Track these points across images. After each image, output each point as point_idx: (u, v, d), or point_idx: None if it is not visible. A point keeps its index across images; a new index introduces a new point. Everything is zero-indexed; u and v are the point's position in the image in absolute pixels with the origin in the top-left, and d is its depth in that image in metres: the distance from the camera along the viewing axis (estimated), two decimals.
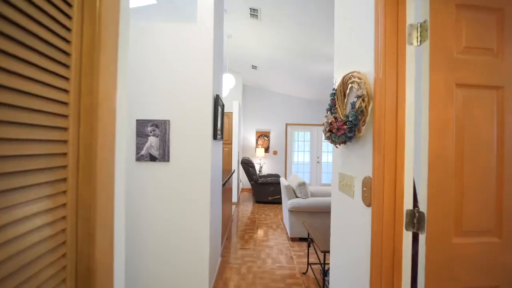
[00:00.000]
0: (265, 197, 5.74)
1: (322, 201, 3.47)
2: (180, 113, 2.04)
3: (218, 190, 2.62)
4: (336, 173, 1.53)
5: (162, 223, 2.03)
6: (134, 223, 2.02)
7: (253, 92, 7.45)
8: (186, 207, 2.03)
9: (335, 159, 1.55)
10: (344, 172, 1.40)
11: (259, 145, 7.42)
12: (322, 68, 4.95)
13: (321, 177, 7.79)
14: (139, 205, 2.02)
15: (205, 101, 2.06)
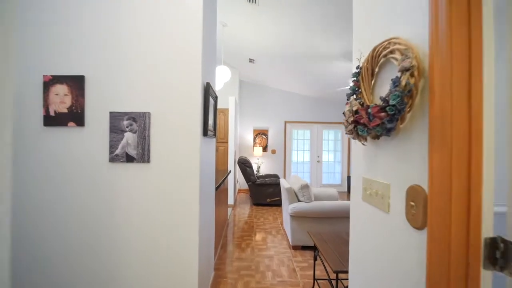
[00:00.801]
0: (263, 199, 5.41)
1: (327, 206, 3.14)
2: (162, 104, 1.69)
3: (210, 194, 2.28)
4: (357, 178, 1.20)
5: (142, 239, 1.68)
6: (105, 239, 1.67)
7: (251, 88, 7.10)
8: (169, 218, 1.68)
9: (357, 159, 1.21)
10: (371, 177, 1.07)
11: (257, 143, 7.08)
12: (325, 64, 4.62)
13: (321, 177, 7.48)
14: (111, 217, 1.67)
15: (193, 89, 1.71)
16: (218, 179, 3.23)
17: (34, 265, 1.66)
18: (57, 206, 1.66)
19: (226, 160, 5.40)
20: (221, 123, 5.48)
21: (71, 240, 1.66)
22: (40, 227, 1.66)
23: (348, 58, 4.19)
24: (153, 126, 1.69)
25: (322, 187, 7.42)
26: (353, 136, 1.07)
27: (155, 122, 1.69)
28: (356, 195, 1.22)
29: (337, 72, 4.88)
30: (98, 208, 1.66)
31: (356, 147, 1.21)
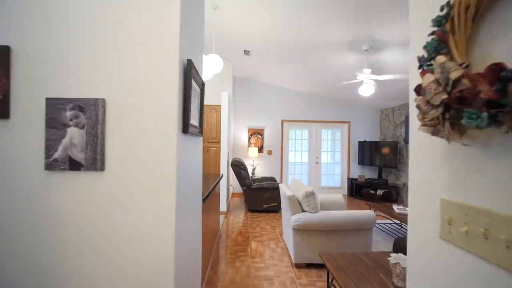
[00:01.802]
0: (259, 205, 4.92)
1: (337, 217, 2.68)
2: (123, 89, 1.19)
3: (194, 208, 1.78)
4: (427, 199, 0.73)
5: (90, 276, 1.17)
6: (43, 275, 1.15)
7: (245, 84, 6.61)
8: (131, 250, 1.18)
9: (430, 168, 0.74)
10: (466, 201, 0.60)
11: (252, 144, 6.59)
12: (328, 55, 4.16)
13: (320, 179, 7.04)
14: (46, 250, 1.16)
15: (167, 68, 1.22)
16: (207, 186, 2.73)
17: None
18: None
19: (218, 162, 4.90)
20: (212, 121, 4.98)
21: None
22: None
23: (354, 49, 3.76)
24: (109, 119, 1.19)
25: (321, 189, 6.98)
26: (437, 129, 0.60)
27: (112, 113, 1.19)
28: (422, 228, 0.75)
29: (341, 65, 4.44)
30: (27, 239, 1.15)
31: (426, 148, 0.74)
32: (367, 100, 6.56)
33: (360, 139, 7.04)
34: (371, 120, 7.14)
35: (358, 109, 7.04)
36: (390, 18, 2.93)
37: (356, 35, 3.42)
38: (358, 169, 7.08)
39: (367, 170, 7.07)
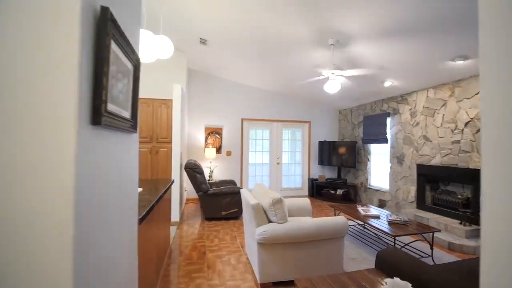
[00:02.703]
0: (217, 212, 4.42)
1: (308, 227, 2.34)
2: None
3: (121, 229, 1.24)
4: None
5: None
6: None
7: (202, 78, 6.02)
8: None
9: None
10: None
11: (209, 144, 6.04)
12: (293, 51, 3.87)
13: (281, 181, 6.81)
14: None
15: (63, 14, 0.68)
16: (155, 194, 2.16)
17: None
18: None
19: (169, 165, 4.26)
20: (163, 118, 4.31)
21: None
22: None
23: (320, 43, 3.52)
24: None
25: (282, 191, 6.75)
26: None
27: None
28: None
29: (306, 61, 4.19)
30: None
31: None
32: (326, 100, 6.54)
33: (320, 139, 7.02)
34: (331, 120, 7.17)
35: (318, 109, 7.01)
36: (352, 6, 2.72)
37: (321, 27, 3.17)
38: (318, 169, 7.04)
39: (327, 170, 7.07)
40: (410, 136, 4.82)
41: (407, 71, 3.97)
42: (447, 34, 2.84)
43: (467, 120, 3.81)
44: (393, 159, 5.22)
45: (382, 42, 3.21)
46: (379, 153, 5.76)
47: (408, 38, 3.04)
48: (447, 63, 3.49)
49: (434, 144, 4.32)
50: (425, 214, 4.21)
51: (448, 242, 3.40)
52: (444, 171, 4.12)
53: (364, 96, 5.63)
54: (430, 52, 3.30)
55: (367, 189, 5.95)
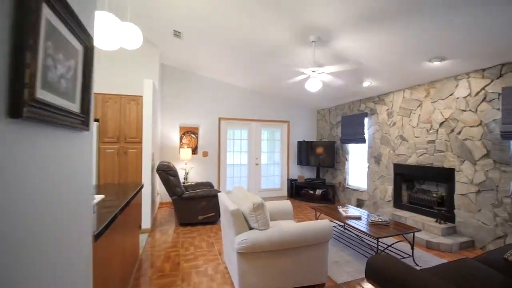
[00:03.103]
0: (193, 217, 4.14)
1: (292, 232, 2.18)
2: None
3: (63, 253, 0.98)
4: None
5: None
6: None
7: (177, 75, 5.68)
8: None
9: None
10: None
11: (184, 144, 5.71)
12: (273, 48, 3.71)
13: (260, 181, 6.65)
14: None
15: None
16: (123, 198, 1.87)
17: None
18: None
19: (139, 168, 3.90)
20: (132, 116, 3.94)
21: None
22: None
23: (301, 40, 3.40)
24: None
25: (261, 192, 6.60)
26: None
27: None
28: None
29: (287, 58, 4.06)
30: None
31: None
32: (305, 100, 6.49)
33: (299, 139, 6.96)
34: (309, 120, 7.14)
35: (297, 109, 6.94)
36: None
37: (300, 22, 3.04)
38: (297, 170, 6.97)
39: (306, 170, 7.04)
40: (387, 136, 4.89)
41: (385, 71, 3.98)
42: (425, 33, 2.83)
43: (441, 121, 3.90)
44: (371, 159, 5.27)
45: (363, 36, 3.15)
46: (357, 153, 5.81)
47: (388, 34, 3.00)
48: (424, 63, 3.52)
49: (410, 144, 4.39)
50: (403, 213, 4.26)
51: (426, 241, 3.44)
52: (420, 170, 4.20)
53: (343, 96, 5.64)
54: (408, 52, 3.30)
55: (345, 188, 5.98)
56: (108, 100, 3.87)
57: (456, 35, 2.76)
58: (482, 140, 3.38)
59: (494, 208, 3.24)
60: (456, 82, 3.71)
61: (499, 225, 3.19)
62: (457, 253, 3.27)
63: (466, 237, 3.51)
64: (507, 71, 3.16)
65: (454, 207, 3.69)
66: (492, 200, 3.27)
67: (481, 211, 3.38)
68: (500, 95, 3.20)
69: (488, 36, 2.70)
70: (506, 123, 3.06)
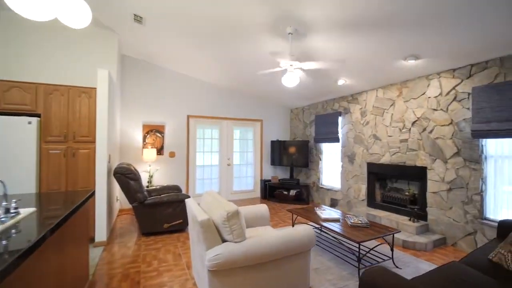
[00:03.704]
0: (157, 225, 3.69)
1: (271, 242, 1.91)
2: None
3: None
4: None
5: None
6: None
7: (140, 67, 5.13)
8: None
9: None
10: None
11: (149, 144, 5.18)
12: (246, 38, 3.41)
13: (232, 183, 6.32)
14: None
15: None
16: (65, 208, 1.44)
17: None
18: None
19: (91, 171, 3.35)
20: (83, 111, 3.37)
21: None
22: None
23: (277, 32, 3.15)
24: None
25: (233, 194, 6.27)
26: None
27: None
28: None
29: (262, 50, 3.79)
30: None
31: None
32: (278, 99, 6.31)
33: (273, 139, 6.77)
34: (283, 119, 6.98)
35: (270, 107, 6.74)
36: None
37: (280, 10, 2.80)
38: (270, 170, 6.77)
39: (280, 170, 6.86)
40: (360, 135, 4.87)
41: (361, 68, 3.90)
42: (403, 32, 2.76)
43: (414, 120, 3.93)
44: (344, 158, 5.23)
45: (341, 34, 3.00)
46: (331, 152, 5.76)
47: (366, 33, 2.88)
48: (399, 62, 3.49)
49: (384, 143, 4.40)
50: (377, 212, 4.24)
51: (402, 240, 3.40)
52: (393, 169, 4.20)
53: (317, 95, 5.55)
54: (385, 50, 3.23)
55: (319, 188, 5.90)
56: (53, 91, 3.27)
57: (428, 34, 2.71)
58: (453, 139, 3.44)
59: (465, 205, 3.30)
60: (428, 81, 3.75)
61: (469, 222, 3.25)
62: (431, 251, 3.27)
63: (438, 234, 3.55)
64: (476, 71, 3.23)
65: (427, 205, 3.73)
66: (462, 197, 3.32)
67: (452, 208, 3.43)
68: (470, 95, 3.27)
69: (458, 36, 2.69)
70: (476, 122, 3.12)
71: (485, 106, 3.03)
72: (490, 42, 2.78)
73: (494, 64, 3.07)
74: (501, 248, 1.93)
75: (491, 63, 3.09)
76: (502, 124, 2.88)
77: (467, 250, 3.25)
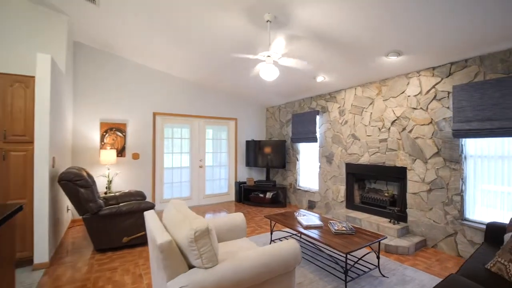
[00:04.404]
0: (116, 239, 3.16)
1: (251, 265, 1.56)
2: None
3: None
4: None
5: None
6: None
7: (97, 57, 4.49)
8: None
9: None
10: None
11: (107, 145, 4.56)
12: (216, 23, 3.03)
13: (204, 186, 5.87)
14: None
15: None
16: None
17: None
18: None
19: (29, 178, 2.73)
20: (17, 104, 2.73)
21: None
22: None
23: (254, 18, 2.81)
24: None
25: (206, 198, 5.83)
26: None
27: None
28: None
29: (236, 37, 3.42)
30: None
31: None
32: (253, 96, 5.98)
33: (248, 138, 6.43)
34: (258, 118, 6.67)
35: (245, 105, 6.39)
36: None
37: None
38: (246, 172, 6.42)
39: (255, 172, 6.54)
40: (339, 134, 4.71)
41: (340, 64, 3.71)
42: (386, 25, 2.58)
43: (393, 119, 3.83)
44: (322, 159, 5.05)
45: (324, 25, 2.75)
46: (308, 152, 5.56)
47: (351, 25, 2.66)
48: (380, 58, 3.34)
49: (363, 142, 4.27)
50: (356, 214, 4.09)
51: (385, 245, 3.25)
52: (372, 169, 4.08)
53: (293, 93, 5.31)
54: (368, 44, 3.04)
55: (296, 190, 5.68)
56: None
57: (411, 29, 2.56)
58: (433, 139, 3.36)
59: (445, 206, 3.23)
60: (408, 80, 3.66)
61: (450, 223, 3.19)
62: (414, 254, 3.15)
63: (419, 236, 3.46)
64: (456, 70, 3.17)
65: (407, 206, 3.63)
66: (442, 198, 3.25)
67: (433, 209, 3.35)
68: (450, 94, 3.20)
69: (439, 33, 2.58)
70: (457, 121, 3.05)
71: (466, 105, 2.97)
72: (469, 40, 2.71)
73: (474, 63, 3.02)
74: (499, 257, 1.78)
75: (470, 61, 3.04)
76: (483, 123, 2.83)
77: (448, 252, 3.18)
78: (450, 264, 2.90)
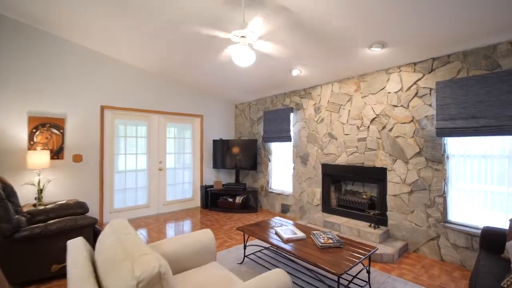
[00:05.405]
0: (41, 268, 2.40)
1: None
2: None
3: None
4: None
5: None
6: None
7: (26, 36, 3.56)
8: None
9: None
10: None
11: (38, 144, 3.65)
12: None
13: (165, 192, 5.17)
14: None
15: None
16: None
17: None
18: None
19: None
20: None
21: None
22: None
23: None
24: None
25: (166, 205, 5.13)
26: None
27: None
28: None
29: (203, 15, 2.87)
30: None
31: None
32: (221, 91, 5.44)
33: (215, 138, 5.86)
34: (226, 115, 6.14)
35: (212, 101, 5.81)
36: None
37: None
38: (213, 174, 5.84)
39: (223, 174, 6.00)
40: (314, 133, 4.41)
41: (320, 55, 3.37)
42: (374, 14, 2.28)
43: (373, 117, 3.61)
44: (297, 159, 4.72)
45: (307, 10, 2.35)
46: (281, 152, 5.20)
47: (335, 10, 2.31)
48: (363, 50, 3.07)
49: (340, 142, 4.01)
50: (334, 219, 3.81)
51: None
52: (350, 170, 3.84)
53: (265, 88, 4.90)
54: (352, 33, 2.73)
55: (269, 193, 5.29)
56: None
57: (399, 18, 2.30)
58: (414, 138, 3.20)
59: (427, 208, 3.08)
60: (388, 75, 3.47)
61: (432, 226, 3.03)
62: (398, 262, 2.93)
63: (400, 240, 3.27)
64: (438, 65, 3.02)
65: (387, 209, 3.44)
66: (424, 200, 3.10)
67: (414, 212, 3.18)
68: (432, 91, 3.05)
69: (426, 27, 2.36)
70: (440, 119, 2.89)
71: (450, 102, 2.82)
72: (452, 35, 2.54)
73: (456, 59, 2.89)
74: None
75: (453, 57, 2.91)
76: (467, 121, 2.69)
77: (431, 256, 3.03)
78: (436, 271, 2.72)
